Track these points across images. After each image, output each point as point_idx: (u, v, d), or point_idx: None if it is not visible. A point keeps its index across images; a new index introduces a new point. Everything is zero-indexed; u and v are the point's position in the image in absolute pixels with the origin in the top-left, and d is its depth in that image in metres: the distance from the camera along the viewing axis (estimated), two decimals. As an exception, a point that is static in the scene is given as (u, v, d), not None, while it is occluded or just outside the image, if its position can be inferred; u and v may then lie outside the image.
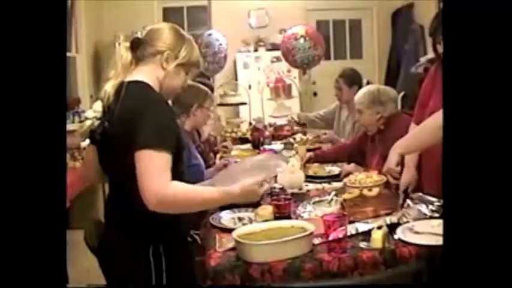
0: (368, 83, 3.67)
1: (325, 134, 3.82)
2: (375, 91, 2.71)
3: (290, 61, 4.59)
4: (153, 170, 1.42)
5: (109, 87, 1.56)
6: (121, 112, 1.52)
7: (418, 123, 2.18)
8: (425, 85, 2.23)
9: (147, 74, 1.60)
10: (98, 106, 1.59)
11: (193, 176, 2.63)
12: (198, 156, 2.82)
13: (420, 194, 1.94)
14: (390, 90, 2.79)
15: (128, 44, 1.61)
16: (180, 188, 1.48)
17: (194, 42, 1.70)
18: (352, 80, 3.68)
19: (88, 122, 1.57)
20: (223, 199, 1.57)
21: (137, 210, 1.52)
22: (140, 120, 1.46)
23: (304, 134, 4.02)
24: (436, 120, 1.75)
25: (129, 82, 1.57)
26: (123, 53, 1.60)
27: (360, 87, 3.65)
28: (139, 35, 1.64)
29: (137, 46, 1.61)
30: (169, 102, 2.77)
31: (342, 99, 3.75)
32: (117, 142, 1.52)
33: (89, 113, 1.58)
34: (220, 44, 4.79)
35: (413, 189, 2.09)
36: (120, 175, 1.58)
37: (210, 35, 4.85)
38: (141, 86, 1.57)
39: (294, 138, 3.76)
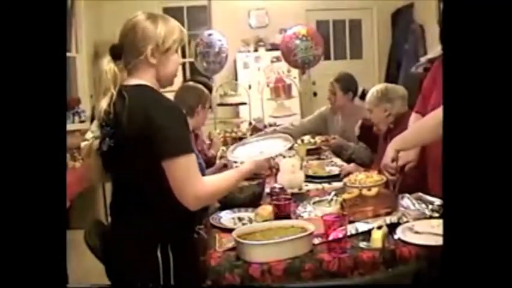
0: (363, 91, 3.61)
1: (334, 138, 3.62)
2: (382, 89, 2.73)
3: (290, 61, 4.58)
4: (190, 174, 1.49)
5: (104, 104, 1.53)
6: (131, 119, 1.49)
7: (418, 112, 2.24)
8: (428, 78, 2.26)
9: (143, 75, 1.58)
10: (95, 126, 1.56)
11: None
12: (199, 155, 2.84)
13: (420, 193, 1.95)
14: (399, 88, 2.80)
15: (109, 57, 1.58)
16: (214, 182, 1.59)
17: (167, 16, 1.66)
18: (348, 86, 3.62)
19: (89, 143, 1.56)
20: (242, 176, 1.73)
21: (145, 211, 1.54)
22: (160, 128, 1.47)
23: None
24: (434, 118, 1.76)
25: (130, 87, 1.56)
26: (106, 67, 1.56)
27: (355, 94, 3.63)
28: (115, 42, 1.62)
29: (118, 55, 1.58)
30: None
31: (335, 104, 3.68)
32: (130, 148, 1.52)
33: (88, 135, 1.56)
34: (222, 44, 4.79)
35: (411, 168, 2.10)
36: (130, 177, 1.58)
37: (210, 35, 4.84)
38: (144, 90, 1.56)
39: (302, 140, 3.70)
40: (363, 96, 3.57)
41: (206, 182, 1.54)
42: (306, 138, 3.65)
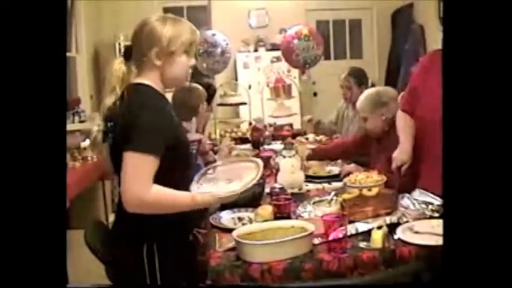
0: (373, 84, 3.65)
1: (337, 137, 3.66)
2: (374, 95, 2.66)
3: (292, 60, 4.58)
4: (137, 173, 1.45)
5: (109, 102, 1.57)
6: (122, 115, 1.53)
7: (406, 110, 2.25)
8: (417, 77, 2.25)
9: (147, 75, 1.59)
10: (99, 120, 1.61)
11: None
12: (199, 156, 2.85)
13: (420, 191, 1.94)
14: (389, 89, 2.77)
15: (121, 58, 1.61)
16: (161, 194, 1.49)
17: (180, 18, 1.65)
18: (361, 79, 3.63)
19: (93, 136, 1.59)
20: (196, 206, 1.60)
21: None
22: (132, 123, 1.48)
23: (304, 134, 4.00)
24: None
25: (132, 85, 1.59)
26: (116, 66, 1.58)
27: (366, 87, 3.62)
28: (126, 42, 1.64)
29: (129, 55, 1.61)
30: (175, 105, 2.82)
31: (351, 98, 3.62)
32: (118, 143, 1.54)
33: (94, 128, 1.62)
34: (227, 44, 4.80)
35: (407, 168, 2.11)
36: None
37: (214, 34, 4.84)
38: (139, 88, 1.58)
39: (307, 138, 3.67)
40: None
41: (153, 189, 1.46)
42: (311, 136, 3.66)
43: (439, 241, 1.45)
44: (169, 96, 2.79)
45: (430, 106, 2.02)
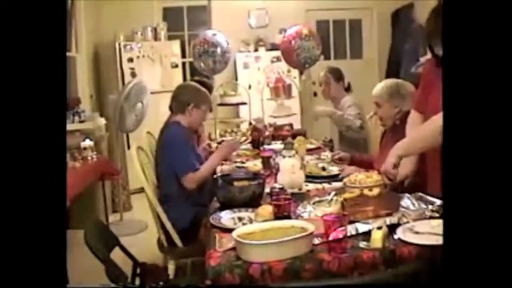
0: (349, 84, 3.95)
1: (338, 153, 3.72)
2: (393, 85, 2.68)
3: (292, 60, 4.58)
4: None
5: None
6: None
7: (417, 109, 2.22)
8: (426, 77, 2.24)
9: None
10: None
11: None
12: (201, 154, 2.87)
13: (420, 193, 1.94)
14: (408, 84, 2.76)
15: None
16: None
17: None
18: (339, 76, 3.91)
19: None
20: None
21: None
22: None
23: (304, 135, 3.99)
24: (435, 124, 1.76)
25: None
26: None
27: (343, 83, 3.94)
28: None
29: None
30: (169, 99, 2.88)
31: (330, 94, 3.89)
32: None
33: None
34: (228, 44, 4.80)
35: (410, 182, 2.10)
36: None
37: (215, 34, 4.84)
38: None
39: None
40: (348, 88, 3.95)
41: None
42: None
43: (439, 241, 1.45)
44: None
45: (437, 106, 2.01)
